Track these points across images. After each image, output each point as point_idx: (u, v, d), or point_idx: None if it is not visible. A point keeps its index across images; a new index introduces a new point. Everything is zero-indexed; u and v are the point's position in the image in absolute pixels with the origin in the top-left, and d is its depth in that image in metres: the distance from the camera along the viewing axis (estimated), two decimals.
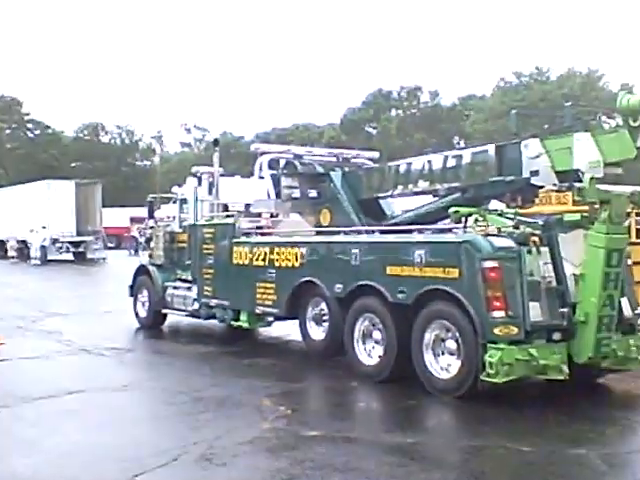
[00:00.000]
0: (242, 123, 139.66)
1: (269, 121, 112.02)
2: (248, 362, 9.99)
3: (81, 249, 34.72)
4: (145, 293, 13.05)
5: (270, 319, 10.75)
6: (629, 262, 8.12)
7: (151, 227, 13.53)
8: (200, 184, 12.41)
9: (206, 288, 11.45)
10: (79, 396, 7.98)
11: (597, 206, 7.36)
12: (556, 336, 7.40)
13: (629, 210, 8.06)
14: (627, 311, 7.87)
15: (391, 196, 10.29)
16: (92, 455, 5.89)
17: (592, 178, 7.26)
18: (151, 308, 12.88)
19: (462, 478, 5.43)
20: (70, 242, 34.28)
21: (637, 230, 11.89)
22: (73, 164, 74.95)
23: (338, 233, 9.77)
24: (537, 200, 9.35)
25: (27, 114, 74.09)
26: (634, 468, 5.83)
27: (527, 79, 57.94)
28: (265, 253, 10.30)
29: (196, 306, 11.65)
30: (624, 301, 7.81)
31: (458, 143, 60.64)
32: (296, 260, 9.79)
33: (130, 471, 5.38)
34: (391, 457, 5.86)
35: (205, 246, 11.50)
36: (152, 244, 13.23)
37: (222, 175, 12.51)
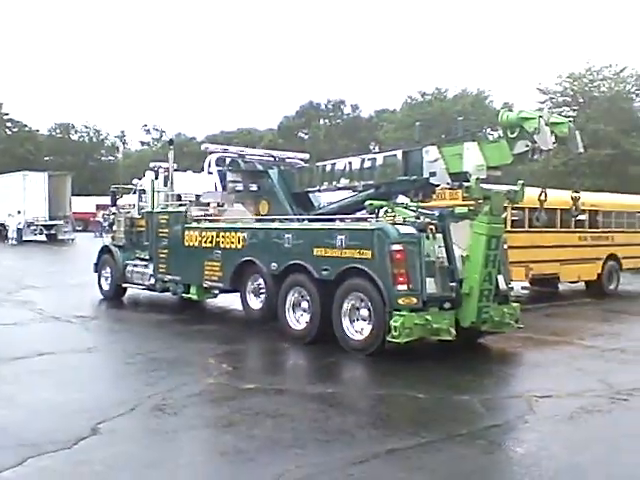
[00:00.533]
0: (194, 125, 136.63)
1: (217, 124, 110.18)
2: (196, 328, 9.83)
3: (53, 231, 33.70)
4: (108, 269, 12.75)
5: (216, 292, 10.57)
6: (505, 246, 8.38)
7: (114, 213, 13.17)
8: (157, 177, 12.08)
9: (161, 266, 11.20)
10: (49, 357, 7.70)
11: (481, 201, 7.56)
12: (446, 305, 7.59)
13: (506, 205, 8.26)
14: (502, 285, 8.14)
15: (318, 191, 10.23)
16: (61, 407, 5.70)
17: (477, 179, 7.45)
18: (113, 282, 12.60)
19: (370, 421, 5.49)
20: (43, 225, 33.29)
21: (512, 221, 12.35)
22: (47, 158, 71.55)
23: (274, 221, 9.66)
24: (434, 196, 9.50)
25: (6, 114, 70.11)
26: (506, 410, 5.99)
27: (429, 97, 58.55)
28: (212, 236, 10.14)
29: (152, 281, 11.43)
30: (500, 277, 8.05)
31: (374, 148, 60.96)
32: (239, 243, 9.67)
33: (94, 420, 5.24)
34: (313, 404, 5.88)
35: (160, 230, 11.23)
36: (114, 228, 12.92)
37: (176, 170, 12.21)
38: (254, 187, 10.53)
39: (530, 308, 12.59)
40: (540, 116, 7.02)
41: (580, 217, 13.79)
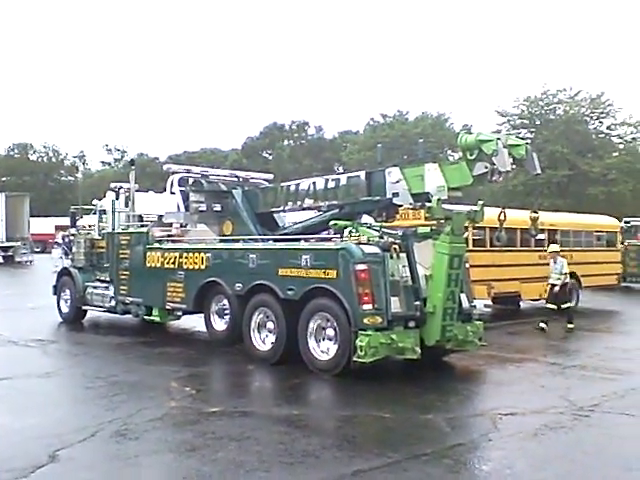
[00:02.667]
0: (157, 145, 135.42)
1: (180, 144, 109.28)
2: (159, 351, 9.66)
3: (10, 253, 32.90)
4: (67, 292, 12.51)
5: (179, 313, 10.45)
6: (467, 265, 8.53)
7: (73, 234, 12.91)
8: (118, 198, 11.94)
9: (122, 287, 11.02)
10: (6, 382, 7.48)
11: (442, 221, 7.69)
12: (411, 324, 7.64)
13: (467, 225, 8.41)
14: (465, 304, 8.25)
15: (283, 211, 10.24)
16: (18, 434, 5.54)
17: (439, 199, 7.58)
18: (73, 305, 12.36)
19: (336, 442, 5.45)
20: (0, 247, 32.37)
21: (473, 240, 12.58)
22: (4, 179, 69.87)
23: (238, 241, 9.63)
24: (398, 216, 9.60)
25: None
26: (471, 428, 6.02)
27: (391, 119, 59.50)
28: (175, 257, 10.03)
29: (113, 303, 11.26)
30: (463, 296, 8.17)
31: (338, 169, 61.45)
32: (202, 263, 9.59)
33: (52, 447, 5.11)
34: (279, 427, 5.83)
35: (121, 251, 11.08)
36: (74, 249, 12.64)
37: (138, 190, 12.08)
38: (218, 207, 10.49)
39: (493, 326, 12.78)
40: (498, 138, 7.22)
41: (539, 236, 14.16)
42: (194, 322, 11.19)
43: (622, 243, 19.38)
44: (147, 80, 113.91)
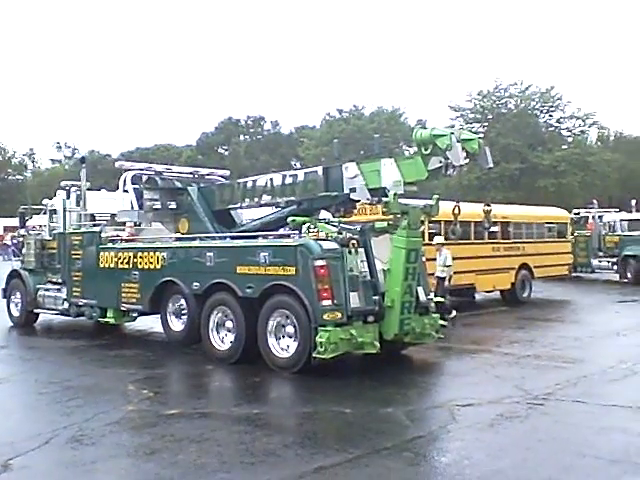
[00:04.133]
0: (109, 142, 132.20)
1: (133, 141, 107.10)
2: (114, 353, 9.46)
3: None
4: (18, 295, 12.14)
5: (134, 315, 10.22)
6: (423, 259, 8.63)
7: (22, 235, 12.51)
8: (69, 197, 11.60)
9: (75, 289, 10.74)
10: None
11: (399, 216, 7.75)
12: (370, 318, 7.70)
13: (423, 219, 8.51)
14: (422, 297, 8.36)
15: (240, 207, 10.16)
16: None
17: (395, 194, 7.64)
18: (24, 308, 12.00)
19: (298, 440, 5.43)
20: None
21: (429, 234, 12.74)
22: None
23: (195, 239, 9.49)
24: (355, 211, 9.66)
25: None
26: (430, 421, 6.10)
27: (346, 114, 59.69)
28: (129, 257, 9.83)
29: (66, 305, 10.97)
30: (420, 289, 8.28)
31: (295, 165, 61.33)
32: (158, 263, 9.42)
33: (4, 456, 4.96)
34: (239, 427, 5.78)
35: (74, 252, 10.79)
36: (24, 250, 12.27)
37: (89, 189, 11.77)
38: (173, 205, 10.31)
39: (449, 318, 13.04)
40: (452, 133, 7.32)
41: (492, 229, 14.48)
42: (151, 323, 10.99)
43: (572, 234, 19.97)
44: (98, 75, 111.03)
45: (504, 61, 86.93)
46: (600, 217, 23.57)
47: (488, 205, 8.76)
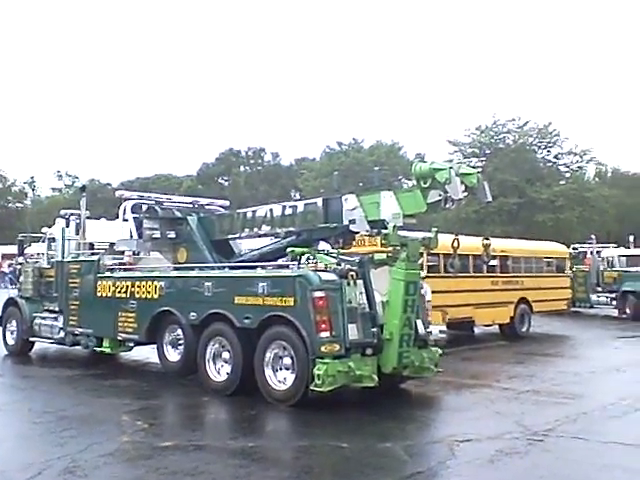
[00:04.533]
0: (109, 171, 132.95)
1: (133, 170, 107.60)
2: (109, 383, 9.36)
3: None
4: (14, 323, 12.08)
5: (131, 344, 10.18)
6: (422, 291, 8.62)
7: (20, 263, 12.50)
8: (68, 225, 11.64)
9: (72, 318, 10.69)
10: None
11: (398, 248, 7.76)
12: (368, 351, 7.63)
13: (422, 251, 8.52)
14: (421, 330, 8.31)
15: (239, 237, 10.13)
16: None
17: (394, 226, 7.66)
18: (19, 337, 11.91)
19: (294, 474, 5.36)
20: None
21: (428, 267, 12.75)
22: None
23: (193, 269, 9.47)
24: (354, 242, 9.68)
25: None
26: (429, 456, 6.01)
27: (346, 147, 60.32)
28: (127, 286, 9.81)
29: (62, 334, 10.91)
30: (419, 322, 8.24)
31: (294, 196, 61.68)
32: (155, 292, 9.40)
33: None
34: (235, 460, 5.69)
35: (71, 280, 10.78)
36: (21, 278, 12.24)
37: (89, 217, 11.81)
38: (172, 234, 10.29)
39: (448, 352, 12.88)
40: (451, 167, 7.38)
41: (491, 263, 14.49)
42: (147, 353, 10.90)
43: (571, 269, 20.00)
44: (99, 105, 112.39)
45: (502, 97, 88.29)
46: (598, 252, 23.65)
47: (487, 239, 8.79)
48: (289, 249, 8.57)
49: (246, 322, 8.03)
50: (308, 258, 8.21)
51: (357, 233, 8.77)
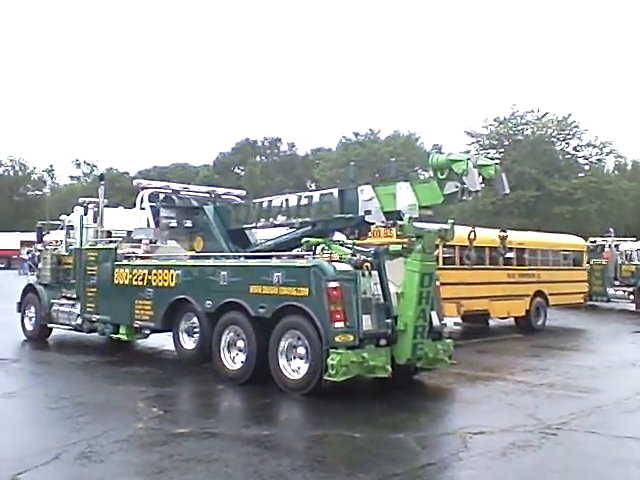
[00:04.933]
0: (127, 160, 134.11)
1: (151, 159, 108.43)
2: (125, 370, 9.45)
3: None
4: (32, 309, 12.21)
5: (147, 332, 10.23)
6: (437, 283, 8.58)
7: (39, 250, 12.66)
8: (86, 213, 11.75)
9: (89, 305, 10.81)
10: None
11: (414, 239, 7.72)
12: (382, 342, 7.62)
13: (438, 243, 8.47)
14: (436, 322, 8.28)
15: (255, 227, 10.16)
16: None
17: (410, 218, 7.62)
18: (37, 323, 12.06)
19: (306, 463, 5.37)
20: None
21: (443, 258, 12.67)
22: None
23: (209, 258, 9.52)
24: (370, 233, 9.65)
25: None
26: (441, 448, 6.01)
27: (362, 137, 60.00)
28: (144, 274, 9.88)
29: (79, 321, 11.02)
30: (434, 314, 8.21)
31: (310, 186, 61.63)
32: (172, 280, 9.46)
33: (13, 470, 4.94)
34: (248, 448, 5.71)
35: (89, 267, 10.88)
36: (40, 265, 12.39)
37: (107, 206, 11.92)
38: (189, 223, 10.36)
39: (462, 344, 12.81)
40: (468, 158, 7.32)
41: (508, 255, 14.38)
42: (163, 341, 11.00)
43: (588, 262, 19.77)
44: (118, 94, 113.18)
45: (521, 88, 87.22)
46: (617, 246, 23.36)
47: (504, 231, 8.72)
48: (304, 239, 8.58)
49: (261, 311, 8.06)
50: (323, 248, 8.21)
51: (373, 224, 8.75)
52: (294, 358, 7.80)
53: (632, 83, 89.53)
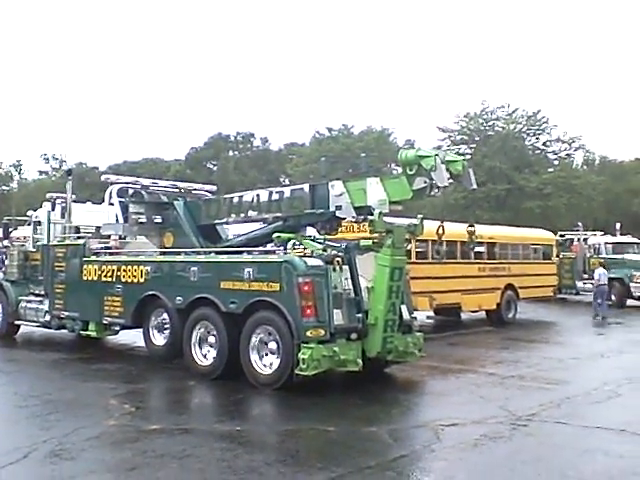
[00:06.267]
0: (97, 155, 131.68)
1: (121, 154, 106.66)
2: (96, 367, 9.38)
3: None
4: None
5: (117, 328, 10.20)
6: (408, 277, 8.68)
7: (6, 246, 12.45)
8: (54, 209, 11.59)
9: (57, 301, 10.70)
10: None
11: (384, 234, 7.82)
12: (353, 336, 7.71)
13: (410, 237, 8.56)
14: (406, 315, 8.40)
15: (226, 223, 10.15)
16: None
17: (380, 213, 7.70)
18: (4, 320, 11.90)
19: (280, 457, 5.40)
20: None
21: (416, 252, 12.82)
22: None
23: (179, 253, 9.48)
24: (343, 228, 9.71)
25: None
26: (413, 440, 6.08)
27: (336, 133, 59.99)
28: (113, 270, 9.81)
29: (47, 318, 10.94)
30: (404, 308, 8.32)
31: (284, 181, 61.47)
32: (141, 276, 9.41)
33: None
34: (221, 443, 5.72)
35: (57, 264, 10.76)
36: (7, 262, 12.22)
37: (75, 201, 11.75)
38: (158, 219, 10.29)
39: (435, 337, 12.98)
40: (436, 154, 7.41)
41: (478, 249, 14.61)
42: (134, 337, 10.92)
43: (557, 256, 20.14)
44: (87, 87, 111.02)
45: (491, 84, 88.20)
46: (585, 240, 23.84)
47: (472, 226, 8.84)
48: (275, 235, 8.60)
49: (232, 307, 8.07)
50: (294, 244, 8.23)
51: (343, 219, 8.82)
52: (266, 354, 7.83)
53: (601, 79, 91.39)
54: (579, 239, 23.69)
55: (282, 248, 8.49)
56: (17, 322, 11.80)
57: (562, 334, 14.95)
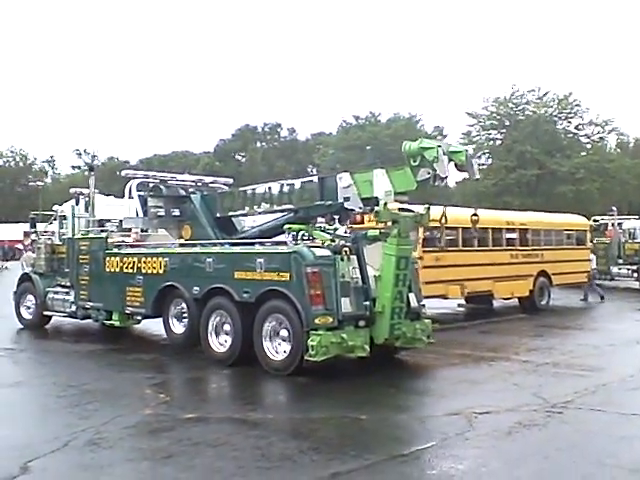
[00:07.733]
0: (128, 149, 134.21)
1: (152, 148, 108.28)
2: (132, 357, 9.47)
3: None
4: (31, 298, 12.53)
5: (138, 318, 10.56)
6: (416, 266, 8.84)
7: (34, 240, 13.00)
8: (78, 203, 12.06)
9: (82, 292, 11.15)
10: None
11: (390, 224, 8.00)
12: (361, 323, 7.93)
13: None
14: (414, 303, 8.58)
15: (240, 215, 10.42)
16: None
17: (385, 203, 7.87)
18: (36, 311, 12.38)
19: (313, 445, 5.38)
20: None
21: (447, 240, 12.24)
22: None
23: (196, 245, 9.80)
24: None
25: None
26: (446, 428, 5.87)
27: (363, 121, 59.70)
28: (134, 262, 10.20)
29: (73, 308, 11.38)
30: (412, 295, 8.50)
31: (311, 171, 61.62)
32: (160, 268, 9.77)
33: (24, 458, 5.00)
34: (255, 431, 5.77)
35: (81, 256, 11.21)
36: (35, 255, 12.74)
37: (99, 193, 12.20)
38: (176, 212, 10.62)
39: (466, 325, 12.93)
40: (439, 146, 7.54)
41: (508, 235, 14.44)
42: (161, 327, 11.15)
43: (591, 241, 19.64)
44: (118, 83, 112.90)
45: (522, 67, 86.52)
46: (620, 224, 23.40)
47: (476, 214, 8.89)
48: (286, 226, 8.86)
49: (245, 296, 8.36)
50: (303, 235, 8.48)
51: (352, 210, 8.95)
52: (277, 340, 8.08)
53: (634, 61, 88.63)
54: (613, 224, 23.25)
55: (292, 239, 8.74)
56: (45, 312, 12.21)
57: (597, 320, 14.65)
